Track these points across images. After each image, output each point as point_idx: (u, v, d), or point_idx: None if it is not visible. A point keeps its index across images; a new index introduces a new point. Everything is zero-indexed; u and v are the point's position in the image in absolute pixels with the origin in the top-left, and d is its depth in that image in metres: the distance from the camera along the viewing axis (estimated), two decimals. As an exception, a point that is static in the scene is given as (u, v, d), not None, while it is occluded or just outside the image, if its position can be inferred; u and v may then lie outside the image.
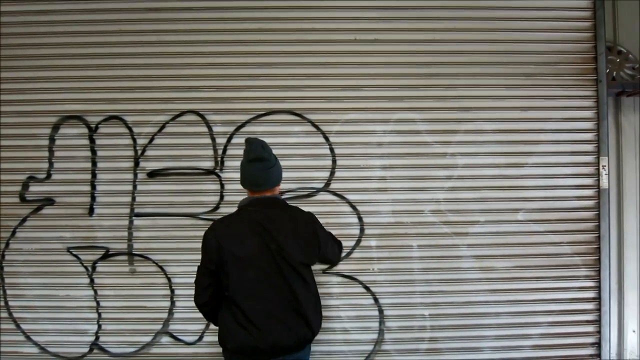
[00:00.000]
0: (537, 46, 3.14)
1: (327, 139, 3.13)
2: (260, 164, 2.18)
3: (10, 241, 3.12)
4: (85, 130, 3.13)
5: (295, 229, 2.15)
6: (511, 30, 3.14)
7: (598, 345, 3.14)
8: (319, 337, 3.11)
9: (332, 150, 3.13)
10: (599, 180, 3.12)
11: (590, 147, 3.14)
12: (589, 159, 3.14)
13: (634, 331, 3.25)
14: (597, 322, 3.14)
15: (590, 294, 3.15)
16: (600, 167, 3.11)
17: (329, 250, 2.29)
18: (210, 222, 3.06)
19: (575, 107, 3.14)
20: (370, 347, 3.14)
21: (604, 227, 3.12)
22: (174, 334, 3.13)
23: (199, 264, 2.20)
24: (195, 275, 2.21)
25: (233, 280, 2.07)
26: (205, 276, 2.14)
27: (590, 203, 3.14)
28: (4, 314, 3.13)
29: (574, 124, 3.13)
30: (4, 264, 3.13)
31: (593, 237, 3.14)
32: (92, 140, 3.13)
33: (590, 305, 3.16)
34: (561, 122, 3.13)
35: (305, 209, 3.12)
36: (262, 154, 2.18)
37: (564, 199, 3.14)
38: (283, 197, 3.05)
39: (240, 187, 3.10)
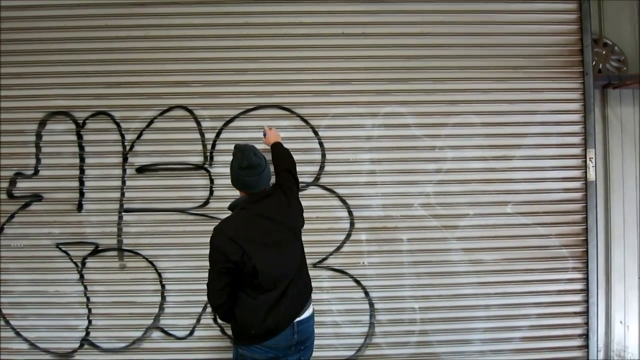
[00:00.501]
0: (525, 39, 3.18)
1: (316, 133, 3.16)
2: (252, 171, 2.26)
3: (-1, 237, 3.14)
4: (73, 126, 3.15)
5: (286, 206, 2.37)
6: (499, 23, 3.18)
7: (586, 336, 3.21)
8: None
9: (321, 144, 3.16)
10: (586, 172, 3.17)
11: (577, 140, 3.19)
12: (576, 151, 3.19)
13: (621, 322, 3.30)
14: (585, 313, 3.21)
15: (578, 286, 3.21)
16: (587, 159, 3.16)
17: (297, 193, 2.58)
18: (200, 217, 3.13)
19: (562, 100, 3.18)
20: (361, 341, 3.18)
21: (591, 219, 3.18)
22: (165, 329, 3.16)
23: (208, 268, 2.25)
24: (208, 280, 2.26)
25: (261, 269, 2.17)
26: (223, 277, 2.18)
27: (578, 195, 3.20)
28: (-7, 311, 3.15)
29: (561, 117, 3.18)
30: (-8, 261, 3.14)
31: (580, 229, 3.20)
32: (79, 136, 3.14)
33: (578, 297, 3.21)
34: (548, 114, 3.18)
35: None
36: (254, 161, 2.26)
37: (551, 192, 3.19)
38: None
39: (229, 181, 3.14)
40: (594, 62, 3.20)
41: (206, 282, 2.25)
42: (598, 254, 3.22)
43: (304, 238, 3.06)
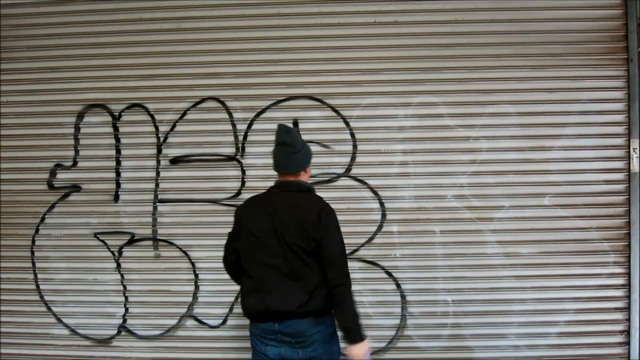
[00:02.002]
0: (564, 25, 3.16)
1: (347, 123, 3.23)
2: (283, 148, 2.31)
3: (40, 227, 3.35)
4: (109, 118, 3.31)
5: (299, 213, 2.26)
6: (536, 9, 3.17)
7: (627, 332, 3.19)
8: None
9: (352, 135, 3.23)
10: (629, 163, 3.14)
11: (620, 129, 3.15)
12: (619, 141, 3.15)
13: (664, 319, 3.25)
14: (627, 309, 3.18)
15: (620, 281, 3.19)
16: (631, 150, 3.12)
17: (330, 250, 2.27)
18: (232, 208, 3.27)
19: (605, 88, 3.15)
20: (392, 333, 3.25)
21: (634, 211, 3.14)
22: (199, 318, 3.32)
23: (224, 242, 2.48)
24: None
25: (242, 250, 2.35)
26: (232, 241, 2.43)
27: (620, 187, 3.16)
28: (36, 297, 3.37)
29: (603, 105, 3.15)
30: (34, 249, 3.36)
31: (623, 223, 3.17)
32: (115, 128, 3.31)
33: (619, 292, 3.19)
34: (589, 103, 3.15)
35: (326, 194, 3.23)
36: (285, 139, 2.31)
37: (592, 183, 3.17)
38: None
39: (260, 172, 3.30)
40: (639, 49, 3.13)
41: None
42: (641, 248, 3.18)
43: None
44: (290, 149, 2.30)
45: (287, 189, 2.34)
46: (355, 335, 2.27)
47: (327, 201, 2.38)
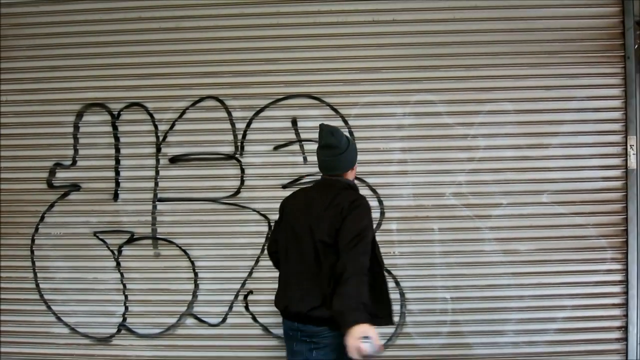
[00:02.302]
0: (561, 22, 3.19)
1: (346, 122, 3.26)
2: (328, 151, 2.29)
3: (40, 226, 3.38)
4: (108, 118, 3.33)
5: (332, 209, 2.20)
6: (533, 7, 3.20)
7: (625, 329, 3.22)
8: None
9: (351, 133, 3.25)
10: (626, 160, 3.17)
11: (617, 126, 3.18)
12: (616, 138, 3.19)
13: (662, 314, 3.28)
14: (624, 305, 3.22)
15: (617, 277, 3.22)
16: (628, 147, 3.15)
17: (344, 235, 2.16)
18: (231, 206, 3.30)
19: (601, 85, 3.18)
20: (391, 330, 3.27)
21: (631, 208, 3.18)
22: (198, 316, 3.34)
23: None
24: None
25: (280, 242, 2.41)
26: (274, 231, 2.57)
27: (618, 184, 3.20)
28: (36, 296, 3.39)
29: (600, 103, 3.19)
30: (34, 248, 3.38)
31: (620, 219, 3.20)
32: (114, 127, 3.33)
33: (617, 289, 3.22)
34: (586, 100, 3.18)
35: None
36: (329, 141, 2.27)
37: (589, 180, 3.20)
38: (304, 180, 3.25)
39: (260, 171, 3.34)
40: (636, 46, 3.17)
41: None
42: (638, 245, 3.20)
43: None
44: (336, 151, 2.27)
45: (328, 186, 2.31)
46: (346, 317, 1.99)
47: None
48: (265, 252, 3.23)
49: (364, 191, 3.21)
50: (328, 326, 2.15)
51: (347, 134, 2.55)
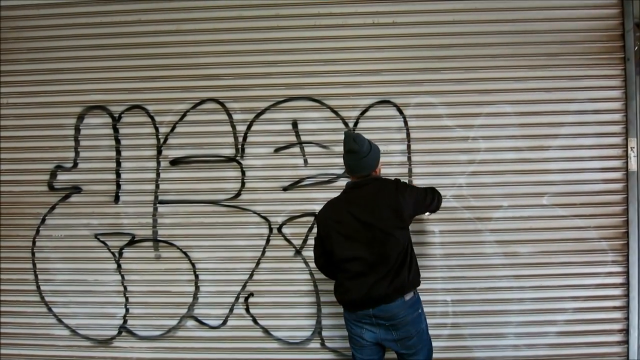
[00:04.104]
0: (561, 24, 3.25)
1: (346, 124, 3.31)
2: (353, 155, 2.55)
3: (40, 228, 3.45)
4: (109, 120, 3.40)
5: (382, 197, 2.52)
6: (533, 9, 3.26)
7: (626, 331, 3.27)
8: (340, 322, 3.34)
9: (351, 134, 3.29)
10: (627, 162, 3.22)
11: (617, 128, 3.24)
12: (617, 140, 3.24)
13: (663, 317, 3.32)
14: (625, 308, 3.27)
15: (618, 280, 3.27)
16: (629, 149, 3.20)
17: (417, 208, 2.64)
18: (232, 209, 3.36)
19: (602, 87, 3.24)
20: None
21: (632, 210, 3.23)
22: (199, 318, 3.41)
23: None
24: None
25: (335, 250, 2.56)
26: (318, 246, 2.70)
27: (618, 186, 3.25)
28: (37, 298, 3.46)
29: (600, 105, 3.24)
30: (35, 250, 3.46)
31: (621, 221, 3.25)
32: (115, 130, 3.40)
33: (618, 291, 3.28)
34: (586, 102, 3.24)
35: (326, 194, 3.35)
36: (352, 147, 2.54)
37: (590, 182, 3.26)
38: (304, 183, 3.32)
39: (260, 173, 3.43)
40: (636, 48, 3.23)
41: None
42: (639, 247, 3.24)
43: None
44: (359, 155, 2.54)
45: (361, 186, 2.57)
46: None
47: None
48: (266, 254, 3.33)
49: (364, 193, 3.30)
50: (403, 301, 2.52)
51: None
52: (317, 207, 3.25)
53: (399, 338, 2.54)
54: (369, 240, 2.49)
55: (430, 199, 2.69)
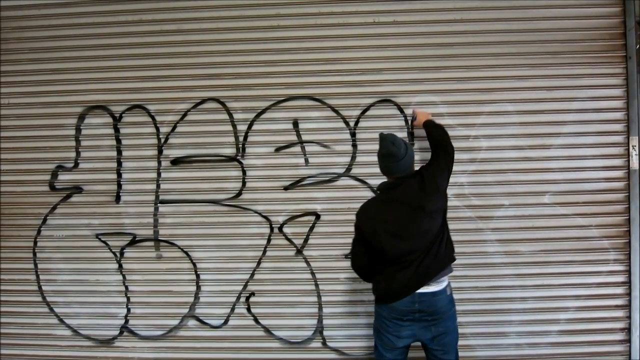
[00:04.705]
0: (562, 23, 3.25)
1: (347, 123, 3.31)
2: (391, 158, 2.60)
3: (42, 228, 3.47)
4: (110, 120, 3.42)
5: (422, 187, 2.58)
6: (534, 7, 3.26)
7: (628, 330, 3.28)
8: (345, 321, 3.35)
9: (352, 134, 3.30)
10: (629, 160, 3.23)
11: (619, 127, 3.24)
12: (618, 139, 3.25)
13: (665, 316, 3.33)
14: (627, 306, 3.28)
15: (620, 278, 3.28)
16: (631, 147, 3.21)
17: (445, 177, 2.73)
18: (233, 208, 3.36)
19: (603, 86, 3.24)
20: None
21: (634, 209, 3.24)
22: (200, 318, 3.43)
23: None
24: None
25: (387, 246, 2.55)
26: (360, 246, 2.68)
27: (620, 185, 3.26)
28: (38, 298, 3.48)
29: (602, 103, 3.25)
30: (36, 250, 3.48)
31: (623, 220, 3.26)
32: (116, 130, 3.41)
33: (619, 290, 3.29)
34: (588, 101, 3.24)
35: (327, 194, 3.34)
36: (391, 149, 2.60)
37: (591, 181, 3.26)
38: (305, 182, 3.34)
39: (261, 173, 3.44)
40: (637, 46, 3.23)
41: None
42: (642, 246, 3.27)
43: (335, 229, 3.25)
44: (397, 157, 2.59)
45: (399, 184, 2.61)
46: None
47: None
48: (267, 253, 3.34)
49: (364, 192, 3.31)
50: (447, 296, 2.62)
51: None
52: (318, 207, 3.34)
53: (437, 334, 2.58)
54: (418, 232, 2.53)
55: (446, 162, 2.77)
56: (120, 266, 3.44)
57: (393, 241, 2.53)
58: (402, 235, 2.53)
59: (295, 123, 3.34)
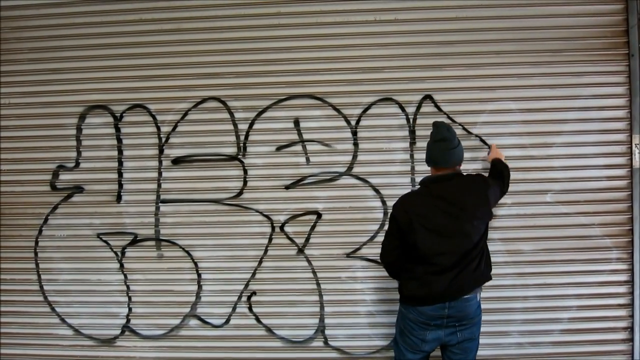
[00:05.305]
0: (564, 20, 3.25)
1: (348, 122, 3.31)
2: (444, 144, 2.57)
3: (43, 228, 3.48)
4: (111, 119, 3.42)
5: (472, 192, 2.55)
6: (536, 5, 3.26)
7: (631, 329, 3.28)
8: (343, 320, 3.35)
9: (354, 133, 3.31)
10: (631, 159, 3.22)
11: (622, 125, 3.24)
12: (621, 137, 3.24)
13: (668, 315, 3.33)
14: (630, 305, 3.28)
15: (623, 277, 3.28)
16: (633, 146, 3.20)
17: (496, 198, 2.76)
18: (234, 207, 3.36)
19: (606, 83, 3.24)
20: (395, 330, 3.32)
21: (636, 208, 3.23)
22: (202, 317, 3.43)
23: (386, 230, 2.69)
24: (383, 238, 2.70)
25: (421, 242, 2.48)
26: (394, 239, 2.59)
27: (622, 183, 3.25)
28: (40, 298, 3.50)
29: (605, 101, 3.24)
30: (37, 250, 3.49)
31: (625, 219, 3.26)
32: (117, 129, 3.42)
33: (622, 289, 3.29)
34: (591, 99, 3.24)
35: (328, 193, 3.33)
36: (446, 135, 2.58)
37: (594, 179, 3.26)
38: (307, 181, 3.33)
39: (262, 172, 3.41)
40: (640, 44, 3.22)
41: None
42: (644, 244, 3.27)
43: (337, 228, 3.25)
44: (450, 144, 2.57)
45: (446, 179, 2.56)
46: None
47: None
48: (269, 252, 3.34)
49: (366, 191, 3.32)
50: (476, 301, 2.57)
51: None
52: (320, 206, 3.34)
53: (462, 340, 2.55)
54: (457, 234, 2.47)
55: (501, 189, 2.80)
56: (122, 266, 3.45)
57: (430, 238, 2.46)
58: (441, 232, 2.46)
59: (296, 122, 3.35)
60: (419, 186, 2.68)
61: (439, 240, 2.46)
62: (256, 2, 3.35)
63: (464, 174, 2.66)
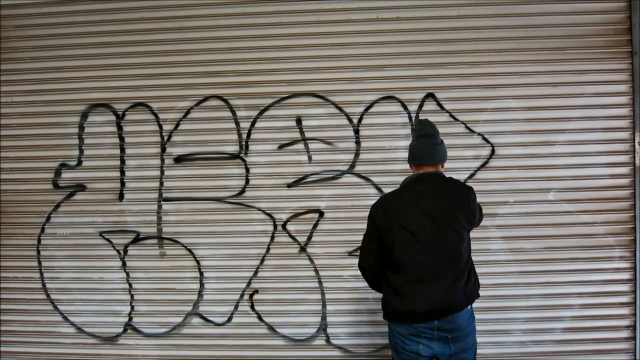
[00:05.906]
0: (566, 18, 3.26)
1: (350, 120, 3.32)
2: (428, 140, 2.47)
3: (46, 226, 3.50)
4: (113, 118, 3.44)
5: (456, 196, 2.43)
6: (539, 3, 3.26)
7: (633, 328, 3.29)
8: (345, 319, 3.36)
9: (356, 131, 3.32)
10: (634, 157, 3.23)
11: (624, 123, 3.25)
12: (624, 135, 3.25)
13: (671, 313, 3.33)
14: (633, 304, 3.29)
15: (625, 276, 3.29)
16: (636, 144, 3.21)
17: (477, 220, 2.58)
18: (236, 206, 3.37)
19: (609, 82, 3.25)
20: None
21: (639, 206, 3.22)
22: (204, 315, 3.45)
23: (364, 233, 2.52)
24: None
25: (398, 245, 2.35)
26: (372, 241, 2.45)
27: (625, 181, 3.26)
28: (42, 296, 3.51)
29: (607, 99, 3.25)
30: (40, 248, 3.51)
31: (628, 217, 3.26)
32: (119, 127, 3.44)
33: (625, 287, 3.30)
34: (593, 97, 3.25)
35: (331, 191, 3.34)
36: (430, 131, 2.49)
37: (596, 178, 3.27)
38: (309, 179, 3.35)
39: (264, 170, 3.41)
40: (643, 41, 3.23)
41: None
42: (647, 243, 3.27)
43: (339, 226, 3.27)
44: (433, 140, 2.47)
45: (429, 179, 2.43)
46: None
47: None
48: (271, 251, 3.35)
49: (368, 190, 3.33)
50: (467, 311, 2.43)
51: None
52: (322, 204, 3.35)
53: (457, 351, 2.39)
54: (439, 239, 2.32)
55: (481, 212, 2.62)
56: (124, 264, 3.46)
57: (408, 241, 2.32)
58: (421, 233, 2.31)
59: (299, 120, 3.36)
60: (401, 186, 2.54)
61: (416, 244, 2.31)
62: (257, 1, 3.35)
63: (450, 177, 2.54)
